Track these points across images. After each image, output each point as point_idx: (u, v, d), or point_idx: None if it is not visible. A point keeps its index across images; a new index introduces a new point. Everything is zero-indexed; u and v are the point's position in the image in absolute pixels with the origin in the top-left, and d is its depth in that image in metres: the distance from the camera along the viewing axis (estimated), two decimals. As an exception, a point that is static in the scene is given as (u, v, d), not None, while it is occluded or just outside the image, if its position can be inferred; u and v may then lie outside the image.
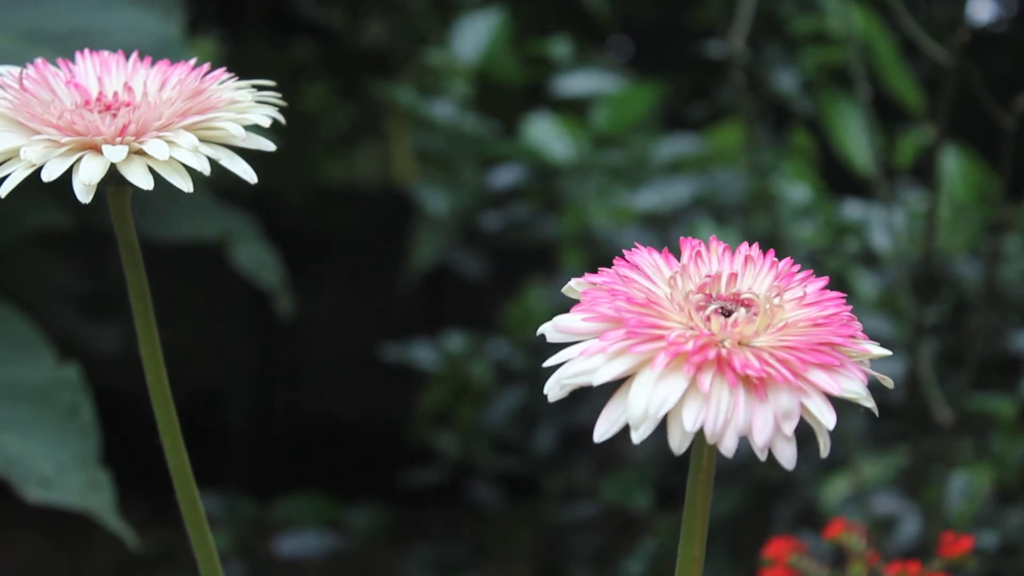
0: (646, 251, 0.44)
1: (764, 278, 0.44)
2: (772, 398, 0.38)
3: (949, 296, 1.38)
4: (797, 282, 0.43)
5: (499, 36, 1.60)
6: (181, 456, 0.50)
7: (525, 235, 1.58)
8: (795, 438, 0.38)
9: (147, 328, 0.49)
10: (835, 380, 0.39)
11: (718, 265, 0.44)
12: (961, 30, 1.00)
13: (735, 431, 0.38)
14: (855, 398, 0.40)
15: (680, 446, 0.38)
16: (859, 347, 0.41)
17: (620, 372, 0.39)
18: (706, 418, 0.38)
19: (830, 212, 1.40)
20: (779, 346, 0.40)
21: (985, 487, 1.24)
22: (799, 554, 0.68)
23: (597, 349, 0.39)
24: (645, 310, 0.40)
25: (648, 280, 0.42)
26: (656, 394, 0.38)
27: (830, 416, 0.39)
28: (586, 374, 0.39)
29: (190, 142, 0.45)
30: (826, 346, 0.40)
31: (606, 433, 0.39)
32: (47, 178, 0.44)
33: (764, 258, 0.44)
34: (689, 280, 0.43)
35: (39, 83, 0.47)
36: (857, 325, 0.42)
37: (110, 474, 0.97)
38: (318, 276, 2.52)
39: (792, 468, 0.38)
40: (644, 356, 0.39)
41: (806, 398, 0.39)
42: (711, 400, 0.38)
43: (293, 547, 1.72)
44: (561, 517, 1.62)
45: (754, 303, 0.41)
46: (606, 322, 0.40)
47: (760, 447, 0.38)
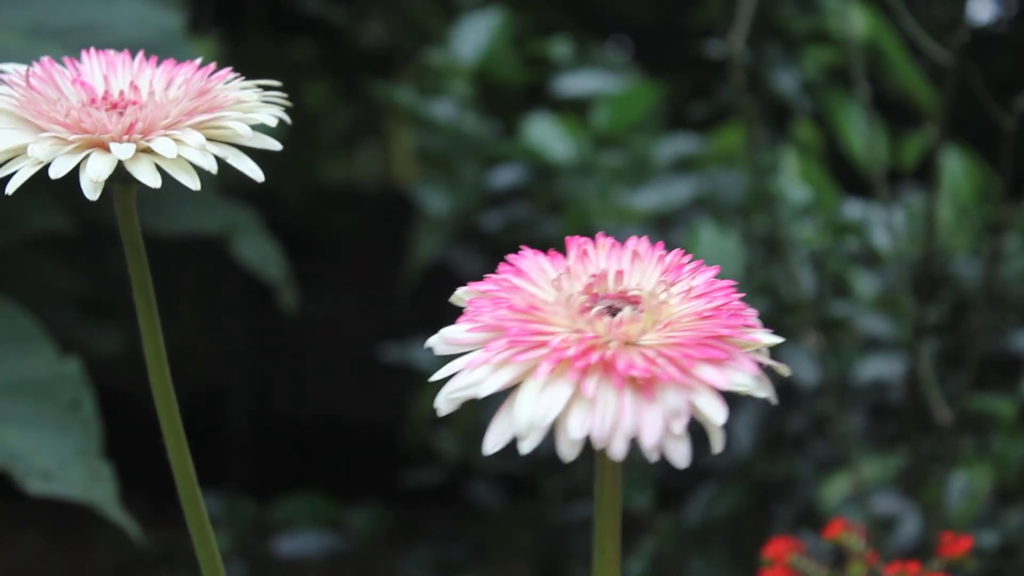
0: (531, 253, 0.43)
1: (652, 273, 0.42)
2: (660, 398, 0.38)
3: (949, 296, 1.38)
4: (686, 274, 0.42)
5: (499, 36, 1.60)
6: (184, 456, 0.50)
7: (525, 235, 1.58)
8: (687, 435, 0.37)
9: (151, 326, 0.49)
10: (723, 374, 0.38)
11: (605, 263, 0.43)
12: (961, 30, 1.00)
13: (623, 435, 0.37)
14: (745, 390, 0.39)
15: (569, 454, 0.37)
16: (748, 336, 0.40)
17: (505, 383, 0.38)
18: (592, 424, 0.37)
19: (830, 212, 1.40)
20: (666, 343, 0.39)
21: (985, 487, 1.24)
22: (799, 554, 0.68)
23: (481, 361, 0.39)
24: (527, 316, 0.40)
25: (533, 284, 0.42)
26: (540, 403, 0.37)
27: (720, 411, 0.38)
28: (472, 387, 0.39)
29: (198, 140, 0.45)
30: (714, 339, 0.39)
31: (496, 445, 0.38)
32: (55, 175, 0.44)
33: (651, 252, 0.43)
34: (575, 281, 0.42)
35: (45, 81, 0.47)
36: (749, 312, 0.41)
37: (112, 468, 0.97)
38: (318, 276, 2.52)
39: (685, 466, 0.37)
40: (528, 365, 0.38)
41: (694, 395, 0.38)
42: (597, 405, 0.37)
43: (293, 547, 1.72)
44: (561, 517, 1.62)
45: (641, 300, 0.41)
46: (490, 331, 0.40)
47: (650, 448, 0.37)
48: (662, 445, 0.37)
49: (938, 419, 1.14)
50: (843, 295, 1.37)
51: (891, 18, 1.39)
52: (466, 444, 1.63)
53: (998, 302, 1.34)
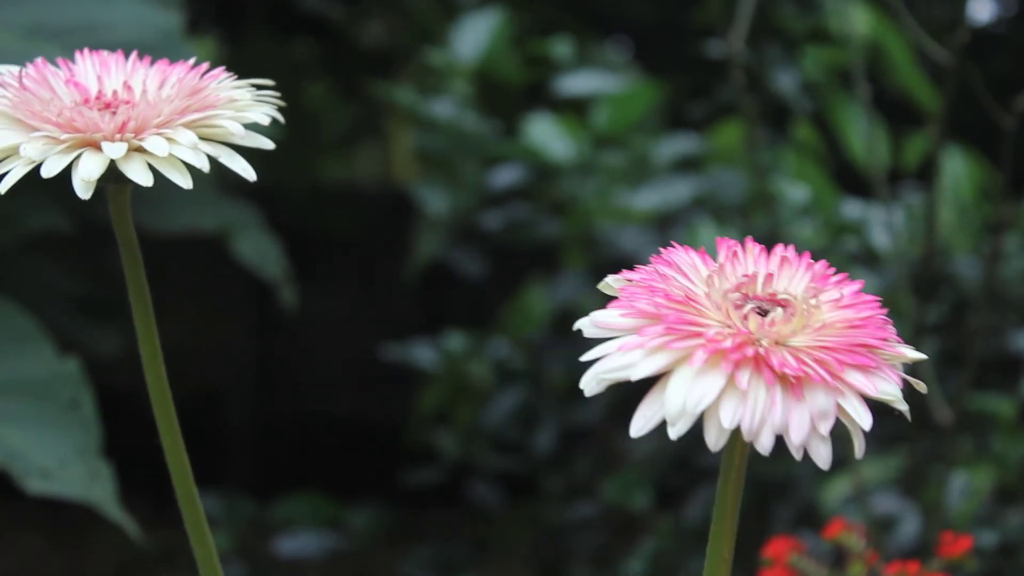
0: (683, 250, 0.44)
1: (800, 279, 0.43)
2: (809, 397, 0.39)
3: (949, 296, 1.38)
4: (832, 284, 0.43)
5: (500, 36, 1.60)
6: (181, 456, 0.50)
7: (525, 235, 1.58)
8: (829, 438, 0.38)
9: (147, 327, 0.49)
10: (871, 381, 0.40)
11: (754, 265, 0.44)
12: (961, 30, 1.00)
13: (771, 429, 0.38)
14: (890, 400, 0.40)
15: (717, 443, 0.38)
16: (894, 350, 0.42)
17: (658, 368, 0.39)
18: (743, 416, 0.38)
19: (830, 212, 1.40)
20: (816, 346, 0.40)
21: (985, 487, 1.24)
22: (799, 554, 0.68)
23: (635, 344, 0.39)
24: (683, 307, 0.40)
25: (686, 278, 0.42)
26: (694, 390, 0.38)
27: (866, 417, 0.39)
28: (624, 369, 0.39)
29: (190, 139, 0.45)
30: (862, 347, 0.40)
31: (643, 428, 0.39)
32: (46, 174, 0.44)
33: (800, 260, 0.44)
34: (726, 279, 0.42)
35: (38, 81, 0.47)
36: (891, 328, 0.42)
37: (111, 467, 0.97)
38: (318, 276, 2.52)
39: (827, 467, 0.38)
40: (682, 352, 0.39)
41: (842, 398, 0.39)
42: (748, 398, 0.38)
43: (293, 547, 1.72)
44: (561, 517, 1.62)
45: (791, 303, 0.41)
46: (644, 318, 0.40)
47: (796, 446, 0.38)
48: (807, 443, 0.38)
49: (938, 419, 1.14)
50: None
51: (891, 18, 1.39)
52: (466, 444, 1.63)
53: (998, 302, 1.34)
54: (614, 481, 1.49)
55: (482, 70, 1.60)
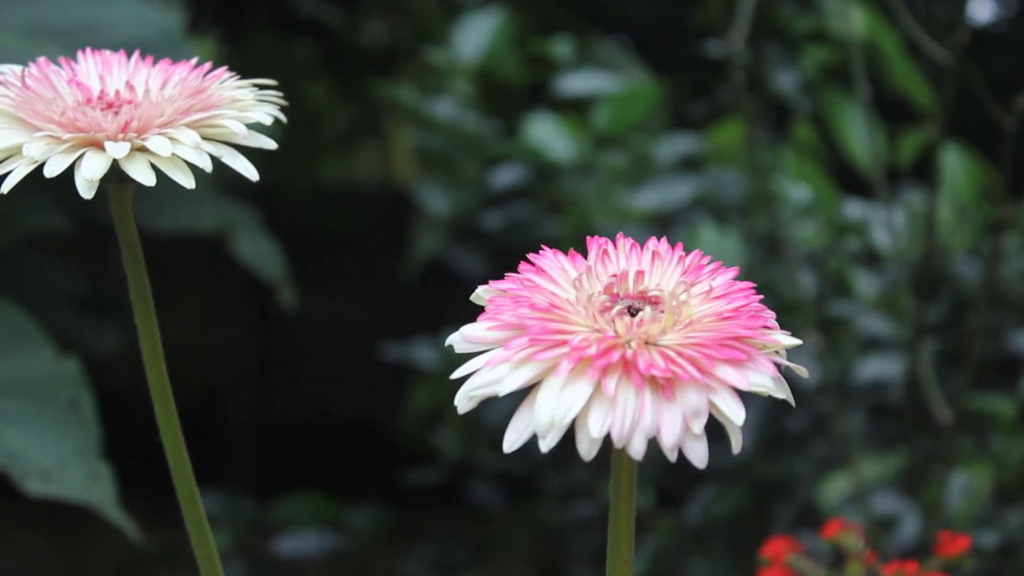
0: (552, 253, 0.43)
1: (672, 274, 0.43)
2: (680, 397, 0.38)
3: (949, 296, 1.38)
4: (706, 275, 0.43)
5: (501, 35, 1.60)
6: (182, 455, 0.50)
7: (526, 235, 1.58)
8: (705, 435, 0.38)
9: (148, 326, 0.49)
10: (743, 375, 0.39)
11: (625, 263, 0.43)
12: (961, 30, 1.00)
13: (643, 433, 0.37)
14: (764, 391, 0.39)
15: (589, 452, 0.38)
16: (768, 338, 0.41)
17: (525, 381, 0.38)
18: (612, 423, 0.37)
19: (831, 212, 1.40)
20: (686, 343, 0.39)
21: (985, 487, 1.24)
22: (797, 554, 0.68)
23: (502, 359, 0.39)
24: (548, 315, 0.40)
25: (553, 283, 0.42)
26: (561, 401, 0.38)
27: (739, 412, 0.38)
28: (492, 384, 0.39)
29: (192, 139, 0.45)
30: (734, 340, 0.39)
31: (515, 443, 0.38)
32: (49, 174, 0.44)
33: (672, 253, 0.43)
34: (596, 281, 0.42)
35: (41, 81, 0.47)
36: (768, 315, 0.41)
37: (111, 468, 0.97)
38: (318, 275, 2.52)
39: (703, 466, 0.38)
40: (548, 363, 0.38)
41: (714, 395, 0.38)
42: (617, 404, 0.38)
43: (293, 547, 1.72)
44: (561, 517, 1.62)
45: (661, 300, 0.41)
46: (510, 330, 0.40)
47: (669, 448, 0.38)
48: (681, 444, 0.38)
49: (938, 419, 1.14)
50: (843, 295, 1.37)
51: (891, 18, 1.39)
52: (466, 444, 1.63)
53: (998, 302, 1.34)
54: (614, 481, 1.48)
55: (483, 70, 1.60)
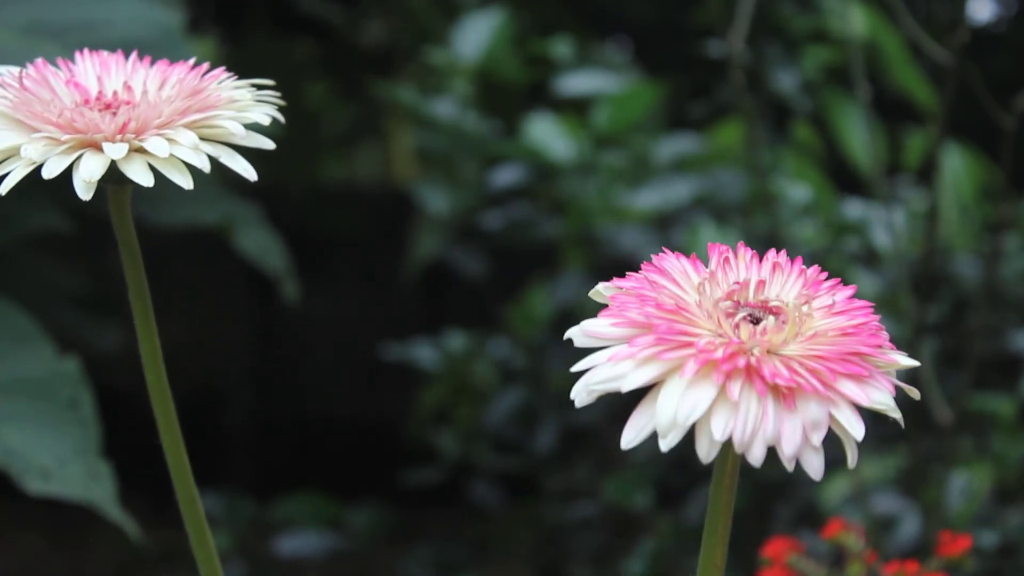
0: (674, 256, 0.43)
1: (792, 285, 0.43)
2: (801, 408, 0.38)
3: (949, 296, 1.38)
4: (825, 290, 0.43)
5: (501, 35, 1.60)
6: (181, 456, 0.50)
7: (526, 235, 1.58)
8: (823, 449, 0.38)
9: (146, 327, 0.49)
10: (864, 391, 0.39)
11: (746, 272, 0.43)
12: (961, 30, 1.00)
13: (763, 441, 0.38)
14: (883, 409, 0.40)
15: (708, 455, 0.38)
16: (887, 357, 0.41)
17: (649, 379, 0.39)
18: (734, 427, 0.38)
19: (830, 211, 1.40)
20: (808, 355, 0.39)
21: (985, 487, 1.24)
22: (798, 554, 0.68)
23: (626, 355, 0.39)
24: (674, 316, 0.40)
25: (676, 286, 0.42)
26: (685, 402, 0.38)
27: (859, 427, 0.39)
28: (614, 380, 0.39)
29: (190, 140, 0.45)
30: (855, 356, 0.40)
31: (634, 440, 0.39)
32: (47, 175, 0.44)
33: (792, 265, 0.44)
34: (717, 287, 0.42)
35: (39, 82, 0.47)
36: (884, 335, 0.42)
37: (110, 466, 0.97)
38: (319, 275, 2.52)
39: (819, 478, 0.38)
40: (673, 363, 0.39)
41: (835, 408, 0.39)
42: (740, 409, 0.38)
43: (293, 547, 1.72)
44: (561, 517, 1.62)
45: (783, 311, 0.41)
46: (635, 328, 0.40)
47: (788, 457, 0.38)
48: (800, 455, 0.38)
49: (938, 419, 1.14)
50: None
51: (891, 18, 1.39)
52: (466, 444, 1.63)
53: (998, 302, 1.34)
54: (614, 481, 1.49)
55: (483, 70, 1.60)
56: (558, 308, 1.56)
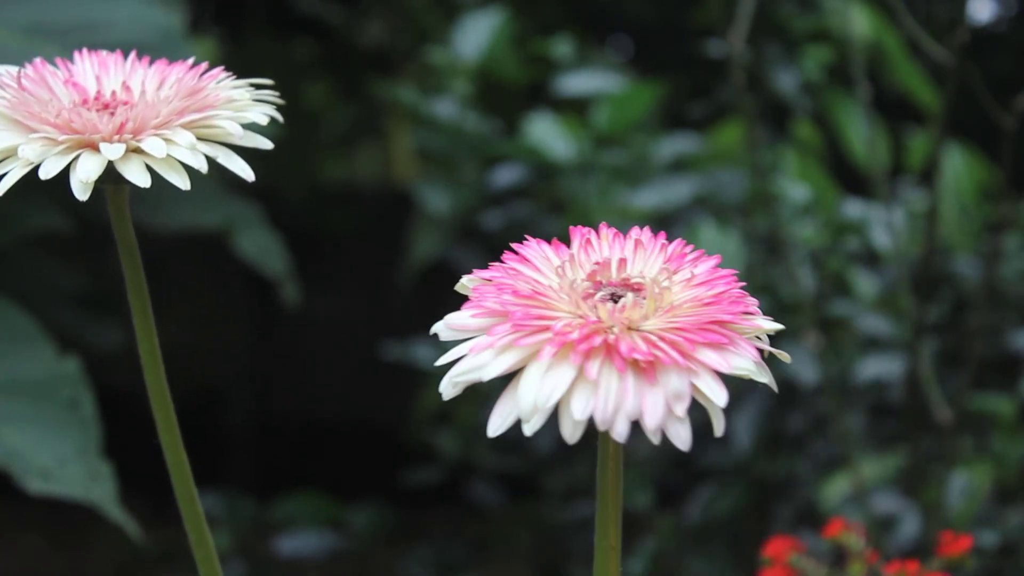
0: (535, 242, 0.44)
1: (654, 261, 0.43)
2: (662, 380, 0.38)
3: (949, 296, 1.38)
4: (688, 263, 0.43)
5: (501, 35, 1.60)
6: (180, 455, 0.50)
7: (526, 235, 1.58)
8: (688, 418, 0.38)
9: (145, 327, 0.49)
10: (724, 358, 0.39)
11: (608, 251, 0.44)
12: (961, 30, 1.00)
13: (625, 416, 0.38)
14: (746, 374, 0.40)
15: (573, 435, 0.38)
16: (750, 323, 0.41)
17: (509, 366, 0.39)
18: (595, 406, 0.38)
19: (831, 211, 1.40)
20: (667, 328, 0.40)
21: (985, 487, 1.24)
22: (798, 553, 0.68)
23: (485, 345, 0.40)
24: (531, 302, 0.40)
25: (536, 271, 0.43)
26: (544, 385, 0.38)
27: (721, 394, 0.39)
28: (476, 370, 0.39)
29: (188, 140, 0.45)
30: (715, 324, 0.40)
31: (500, 428, 0.39)
32: (44, 175, 0.44)
33: (654, 241, 0.44)
34: (579, 268, 0.42)
35: (37, 82, 0.47)
36: (750, 301, 0.42)
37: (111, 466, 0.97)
38: (319, 275, 2.52)
39: (687, 448, 0.38)
40: (531, 348, 0.39)
41: (696, 378, 0.39)
42: (599, 387, 0.38)
43: (293, 547, 1.72)
44: (561, 517, 1.62)
45: (644, 287, 0.41)
46: (494, 316, 0.40)
47: (652, 430, 0.38)
48: (664, 426, 0.38)
49: (938, 419, 1.14)
50: (843, 295, 1.37)
51: (891, 18, 1.39)
52: (466, 444, 1.63)
53: (998, 302, 1.34)
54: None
55: (483, 70, 1.60)
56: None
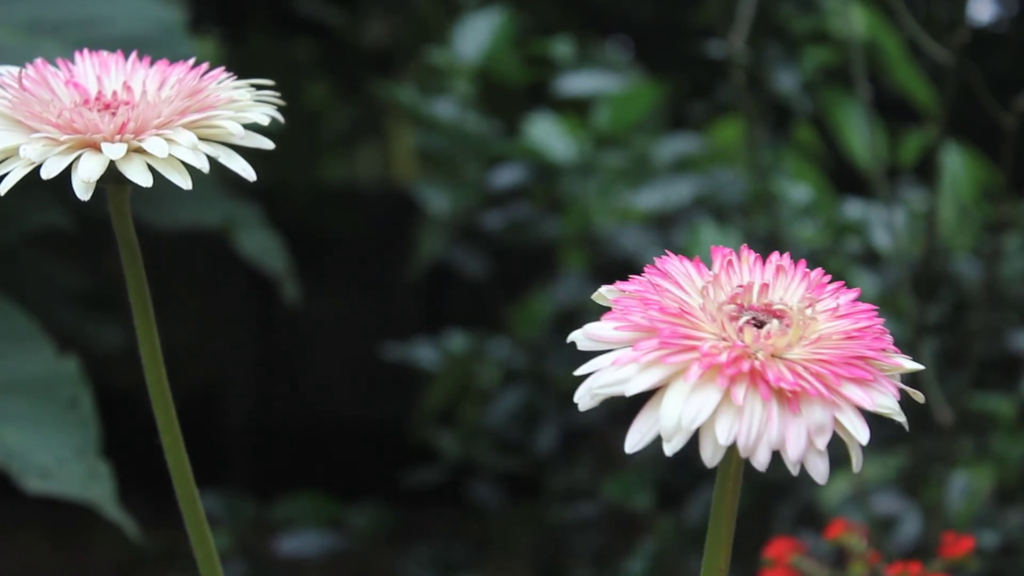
0: (677, 259, 0.43)
1: (796, 289, 0.43)
2: (805, 412, 0.38)
3: (949, 296, 1.38)
4: (829, 293, 0.43)
5: (501, 35, 1.60)
6: (180, 456, 0.50)
7: (526, 235, 1.58)
8: (827, 452, 0.38)
9: (146, 327, 0.49)
10: (868, 395, 0.39)
11: (749, 275, 0.43)
12: (961, 30, 1.00)
13: (768, 445, 0.38)
14: (888, 413, 0.39)
15: (713, 459, 0.38)
16: (891, 361, 0.41)
17: (653, 383, 0.38)
18: (739, 432, 0.37)
19: (831, 212, 1.40)
20: (812, 359, 0.39)
21: (985, 487, 1.24)
22: (800, 554, 0.68)
23: (630, 359, 0.39)
24: (678, 320, 0.40)
25: (680, 289, 0.42)
26: (689, 406, 0.38)
27: (863, 431, 0.38)
28: (619, 384, 0.39)
29: (189, 140, 0.45)
30: (859, 359, 0.40)
31: (638, 444, 0.38)
32: (46, 175, 0.44)
33: (795, 268, 0.44)
34: (721, 290, 0.42)
35: (38, 82, 0.47)
36: (889, 338, 0.41)
37: (110, 466, 0.97)
38: (319, 275, 2.52)
39: (824, 482, 0.38)
40: (678, 367, 0.38)
41: (839, 412, 0.38)
42: (744, 413, 0.38)
43: (293, 547, 1.72)
44: (561, 517, 1.62)
45: (787, 314, 0.41)
46: (638, 331, 0.40)
47: (793, 461, 0.38)
48: (804, 459, 0.38)
49: (938, 419, 1.14)
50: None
51: (891, 18, 1.39)
52: (467, 444, 1.63)
53: (998, 302, 1.33)
54: (615, 481, 1.49)
55: (483, 70, 1.60)
56: (558, 308, 1.56)
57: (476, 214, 1.61)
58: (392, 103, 1.99)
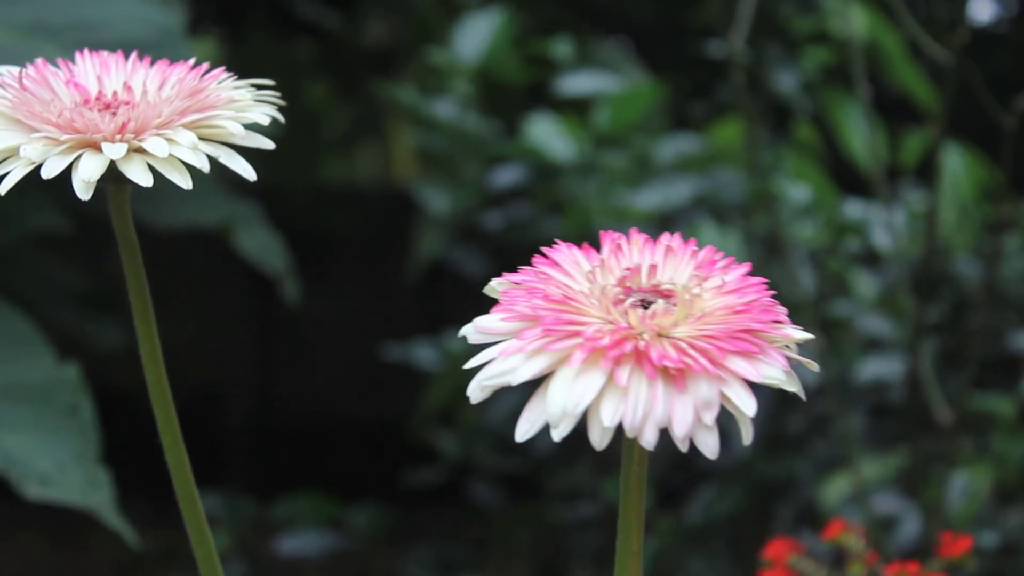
0: (566, 247, 0.44)
1: (684, 268, 0.43)
2: (691, 388, 0.38)
3: (949, 296, 1.38)
4: (718, 270, 0.43)
5: (501, 35, 1.60)
6: (180, 456, 0.50)
7: (526, 235, 1.58)
8: (716, 427, 0.38)
9: (146, 327, 0.49)
10: (754, 367, 0.39)
11: (639, 257, 0.44)
12: (961, 30, 1.00)
13: (655, 423, 0.38)
14: (775, 383, 0.40)
15: (601, 441, 0.38)
16: (780, 332, 0.41)
17: (538, 371, 0.39)
18: (624, 412, 0.38)
19: (831, 212, 1.40)
20: (698, 335, 0.40)
21: (985, 487, 1.24)
22: (799, 554, 0.68)
23: (515, 348, 0.39)
24: (562, 307, 0.40)
25: (567, 276, 0.42)
26: (574, 391, 0.38)
27: (751, 403, 0.39)
28: (505, 374, 0.39)
29: (190, 140, 0.45)
30: (745, 333, 0.40)
31: (527, 433, 0.39)
32: (46, 175, 0.44)
33: (685, 248, 0.44)
34: (609, 274, 0.42)
35: (39, 82, 0.47)
36: (780, 310, 0.42)
37: (110, 473, 0.97)
38: (319, 275, 2.52)
39: (715, 457, 0.38)
40: (561, 353, 0.39)
41: (725, 386, 0.39)
42: (629, 394, 0.38)
43: (293, 547, 1.72)
44: (562, 517, 1.62)
45: (674, 294, 0.41)
46: (524, 321, 0.40)
47: (680, 438, 0.38)
48: (692, 435, 0.38)
49: (938, 419, 1.14)
50: (843, 295, 1.37)
51: (891, 18, 1.39)
52: (467, 444, 1.63)
53: (998, 302, 1.34)
54: (614, 481, 1.48)
55: (483, 70, 1.60)
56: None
57: (476, 214, 1.61)
58: (392, 103, 2.00)
